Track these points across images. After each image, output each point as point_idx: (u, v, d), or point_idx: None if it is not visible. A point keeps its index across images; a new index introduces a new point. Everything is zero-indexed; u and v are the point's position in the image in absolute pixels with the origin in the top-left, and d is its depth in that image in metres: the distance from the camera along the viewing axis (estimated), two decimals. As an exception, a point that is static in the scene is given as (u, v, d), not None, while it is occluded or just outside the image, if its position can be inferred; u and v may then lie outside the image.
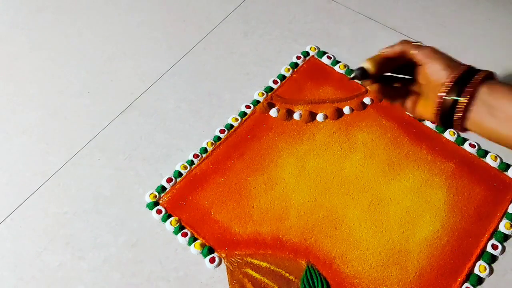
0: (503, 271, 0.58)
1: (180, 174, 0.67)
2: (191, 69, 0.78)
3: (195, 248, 0.60)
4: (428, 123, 0.70)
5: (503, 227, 0.61)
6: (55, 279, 0.59)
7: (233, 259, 0.60)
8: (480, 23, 0.82)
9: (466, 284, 0.57)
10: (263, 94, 0.74)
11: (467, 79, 0.42)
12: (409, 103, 0.47)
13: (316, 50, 0.79)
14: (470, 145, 0.67)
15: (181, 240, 0.61)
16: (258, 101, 0.73)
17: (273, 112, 0.72)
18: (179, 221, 0.63)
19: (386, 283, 0.57)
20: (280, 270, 0.59)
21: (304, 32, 0.81)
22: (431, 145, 0.68)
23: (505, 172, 0.65)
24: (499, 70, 0.75)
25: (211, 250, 0.60)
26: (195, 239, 0.61)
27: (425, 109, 0.46)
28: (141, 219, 0.63)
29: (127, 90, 0.76)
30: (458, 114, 0.41)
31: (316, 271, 0.58)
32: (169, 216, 0.63)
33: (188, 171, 0.67)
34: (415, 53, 0.45)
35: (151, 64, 0.79)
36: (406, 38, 0.80)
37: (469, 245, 0.60)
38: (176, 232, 0.62)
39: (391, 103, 0.49)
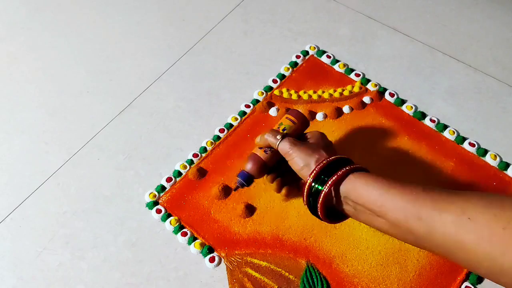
0: (502, 270, 0.58)
1: (179, 173, 0.66)
2: (191, 68, 0.78)
3: (194, 248, 0.60)
4: (427, 122, 0.70)
5: (502, 226, 0.60)
6: (55, 278, 0.59)
7: (232, 259, 0.60)
8: (480, 22, 0.82)
9: (466, 283, 0.57)
10: (262, 93, 0.74)
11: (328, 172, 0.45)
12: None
13: (316, 49, 0.79)
14: (470, 144, 0.67)
15: (180, 239, 0.61)
16: (257, 101, 0.73)
17: (272, 112, 0.72)
18: (178, 220, 0.63)
19: (386, 282, 0.57)
20: (280, 269, 0.59)
21: (304, 31, 0.81)
22: (431, 144, 0.68)
23: (504, 171, 0.65)
24: (498, 69, 0.75)
25: (210, 250, 0.60)
26: (194, 239, 0.61)
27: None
28: (141, 219, 0.63)
29: (127, 90, 0.76)
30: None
31: (316, 270, 0.58)
32: (169, 215, 0.63)
33: (188, 170, 0.67)
34: (278, 148, 0.51)
35: (150, 64, 0.79)
36: (406, 37, 0.80)
37: (469, 244, 0.60)
38: (175, 232, 0.62)
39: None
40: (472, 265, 0.36)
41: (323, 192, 0.44)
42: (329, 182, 0.44)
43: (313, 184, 0.45)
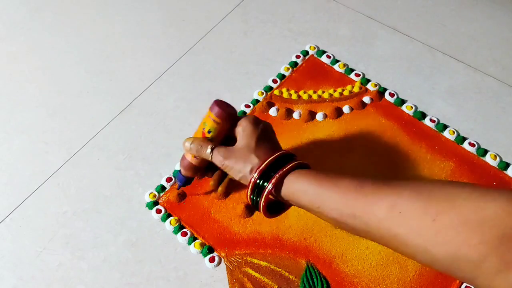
0: (502, 270, 0.58)
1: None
2: (191, 68, 0.78)
3: (194, 248, 0.60)
4: (427, 122, 0.70)
5: (502, 226, 0.60)
6: (55, 278, 0.59)
7: (232, 259, 0.60)
8: (480, 22, 0.82)
9: (466, 284, 0.57)
10: (262, 93, 0.74)
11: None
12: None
13: (316, 49, 0.79)
14: (470, 144, 0.67)
15: (180, 239, 0.61)
16: (257, 101, 0.73)
17: (272, 112, 0.72)
18: (178, 220, 0.63)
19: (386, 282, 0.57)
20: (280, 269, 0.59)
21: (304, 31, 0.81)
22: (431, 144, 0.68)
23: (504, 171, 0.65)
24: (498, 69, 0.75)
25: (210, 250, 0.60)
26: (194, 239, 0.61)
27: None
28: (141, 219, 0.63)
29: (126, 90, 0.76)
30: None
31: (315, 270, 0.59)
32: (169, 215, 0.63)
33: (188, 170, 0.67)
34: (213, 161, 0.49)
35: (150, 64, 0.79)
36: (406, 37, 0.80)
37: (469, 244, 0.59)
38: (175, 232, 0.62)
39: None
40: (410, 256, 0.37)
41: (261, 203, 0.46)
42: (265, 192, 0.45)
43: (252, 197, 0.47)
